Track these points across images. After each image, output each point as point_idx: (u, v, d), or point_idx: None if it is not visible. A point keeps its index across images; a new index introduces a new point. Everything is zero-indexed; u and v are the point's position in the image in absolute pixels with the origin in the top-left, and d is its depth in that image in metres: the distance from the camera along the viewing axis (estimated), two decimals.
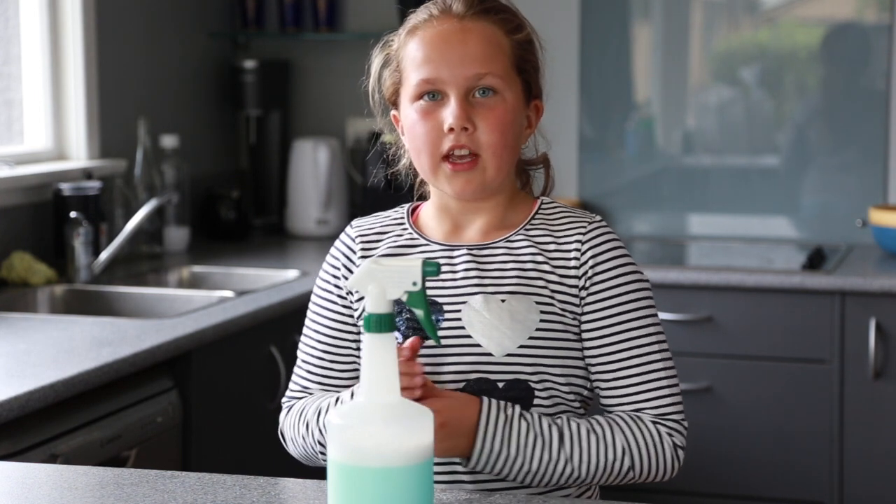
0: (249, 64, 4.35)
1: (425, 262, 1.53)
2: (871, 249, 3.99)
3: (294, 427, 1.83)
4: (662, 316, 3.66)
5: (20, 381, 2.38)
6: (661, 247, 4.20)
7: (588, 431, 1.73)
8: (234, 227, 4.23)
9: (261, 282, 3.58)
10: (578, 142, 4.32)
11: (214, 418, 2.95)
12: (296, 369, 1.88)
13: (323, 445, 1.78)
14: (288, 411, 1.86)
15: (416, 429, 1.40)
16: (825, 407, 3.59)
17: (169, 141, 3.97)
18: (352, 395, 1.76)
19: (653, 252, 4.15)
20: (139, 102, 3.97)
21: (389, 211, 1.90)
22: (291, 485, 1.74)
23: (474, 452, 1.70)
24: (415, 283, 1.52)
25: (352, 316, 1.84)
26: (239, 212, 4.23)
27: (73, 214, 3.44)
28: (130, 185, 3.86)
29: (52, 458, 2.38)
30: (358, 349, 1.84)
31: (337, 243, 1.88)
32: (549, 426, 1.73)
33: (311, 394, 1.85)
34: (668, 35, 4.30)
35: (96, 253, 3.51)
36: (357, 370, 1.83)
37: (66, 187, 3.50)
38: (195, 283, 3.69)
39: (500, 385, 1.74)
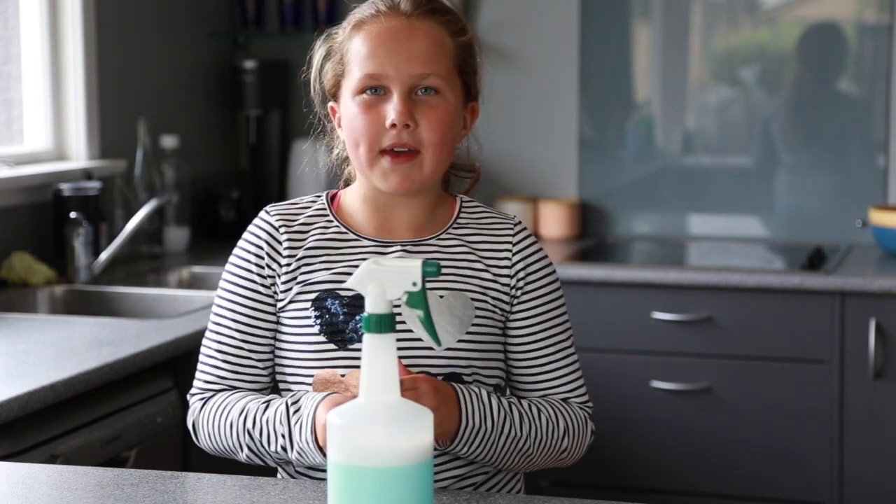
0: (249, 64, 4.35)
1: (425, 263, 1.53)
2: (871, 249, 3.99)
3: (212, 422, 1.81)
4: (662, 316, 3.66)
5: (20, 381, 2.38)
6: (661, 247, 4.20)
7: (539, 411, 1.81)
8: (234, 227, 4.23)
9: None
10: (578, 142, 4.32)
11: None
12: (205, 359, 1.87)
13: (251, 450, 1.78)
14: (203, 404, 1.85)
15: (416, 429, 1.40)
16: (825, 407, 3.59)
17: (169, 141, 3.97)
18: (286, 404, 1.75)
19: (653, 252, 4.15)
20: (139, 102, 3.97)
21: (305, 198, 1.89)
22: (291, 485, 1.74)
23: (461, 428, 1.73)
24: (414, 284, 1.53)
25: (273, 304, 1.84)
26: (239, 212, 4.23)
27: (73, 214, 3.44)
28: (130, 185, 3.86)
29: (52, 459, 2.38)
30: (273, 338, 1.84)
31: (254, 230, 1.86)
32: (510, 404, 1.80)
33: (227, 385, 1.84)
34: (668, 35, 4.30)
35: (96, 253, 3.51)
36: (272, 360, 1.85)
37: (66, 187, 3.50)
38: (195, 283, 3.69)
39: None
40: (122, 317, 3.24)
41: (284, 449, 1.75)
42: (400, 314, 1.75)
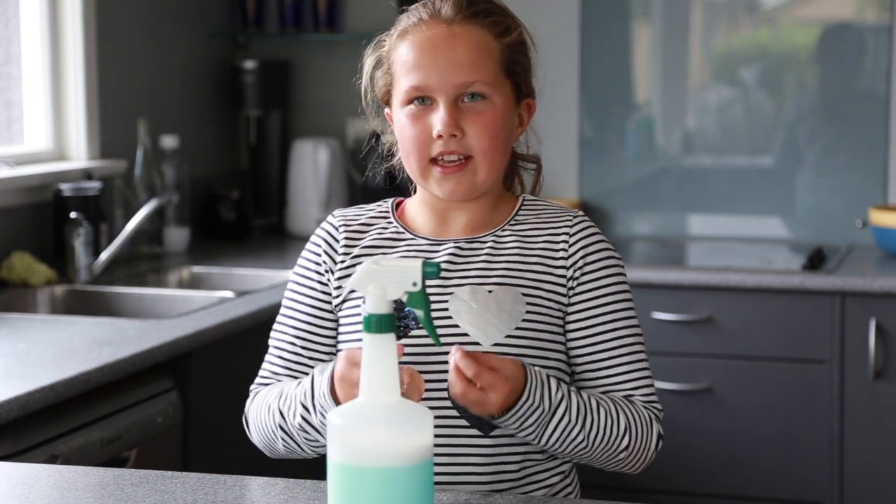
0: (249, 64, 4.35)
1: (425, 263, 1.53)
2: (871, 250, 3.99)
3: (258, 412, 1.84)
4: (662, 316, 3.66)
5: (20, 381, 2.38)
6: (661, 247, 4.20)
7: (598, 403, 1.77)
8: (234, 228, 4.23)
9: (261, 282, 3.58)
10: (578, 142, 4.32)
11: (214, 418, 2.94)
12: (267, 356, 1.89)
13: (283, 430, 1.79)
14: (255, 397, 1.88)
15: (416, 429, 1.40)
16: (825, 407, 3.59)
17: (169, 141, 3.97)
18: (311, 379, 1.74)
19: (653, 252, 4.15)
20: (139, 102, 3.97)
21: (373, 204, 1.91)
22: (291, 485, 1.74)
23: (518, 402, 1.68)
24: (415, 284, 1.53)
25: (330, 303, 1.85)
26: (239, 212, 4.23)
27: (73, 215, 3.44)
28: (130, 185, 3.86)
29: (52, 459, 2.38)
30: (332, 338, 1.85)
31: (319, 231, 1.89)
32: (569, 391, 1.75)
33: (279, 381, 1.86)
34: (668, 35, 4.30)
35: (96, 253, 3.51)
36: (328, 361, 1.84)
37: (66, 188, 3.50)
38: (195, 283, 3.69)
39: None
40: (122, 317, 3.24)
41: (305, 419, 1.74)
42: (444, 310, 1.76)
